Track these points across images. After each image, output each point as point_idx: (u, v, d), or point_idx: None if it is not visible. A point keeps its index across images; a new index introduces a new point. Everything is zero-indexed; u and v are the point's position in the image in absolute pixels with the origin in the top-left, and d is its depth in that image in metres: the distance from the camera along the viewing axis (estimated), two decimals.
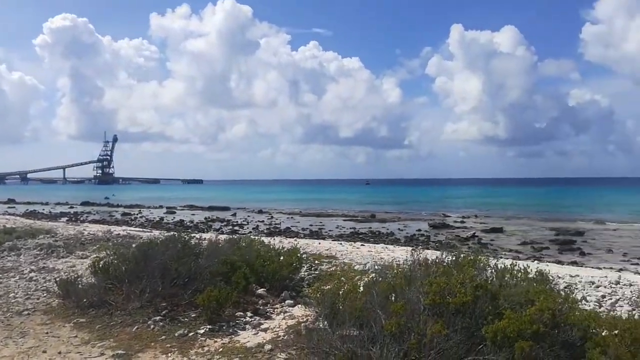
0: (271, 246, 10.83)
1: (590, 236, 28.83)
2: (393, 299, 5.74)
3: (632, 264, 18.97)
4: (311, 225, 35.27)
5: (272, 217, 43.26)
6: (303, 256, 11.75)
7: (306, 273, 10.10)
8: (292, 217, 42.95)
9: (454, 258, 6.46)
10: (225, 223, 36.98)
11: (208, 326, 6.94)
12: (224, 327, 6.99)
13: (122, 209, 53.53)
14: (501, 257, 18.69)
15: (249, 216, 43.90)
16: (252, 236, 15.23)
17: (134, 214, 45.83)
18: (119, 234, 17.60)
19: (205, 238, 11.22)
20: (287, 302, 8.33)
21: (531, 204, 60.28)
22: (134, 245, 10.17)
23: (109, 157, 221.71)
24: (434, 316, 5.13)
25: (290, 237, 21.47)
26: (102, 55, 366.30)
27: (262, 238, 14.51)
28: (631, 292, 8.95)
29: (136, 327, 6.97)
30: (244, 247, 9.88)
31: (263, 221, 38.72)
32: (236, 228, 33.07)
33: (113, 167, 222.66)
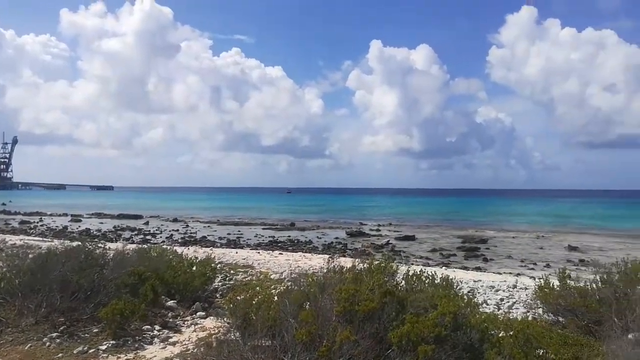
0: (184, 256, 10.46)
1: (492, 243, 30.95)
2: (308, 307, 5.75)
3: (528, 269, 20.60)
4: (229, 234, 34.59)
5: (187, 225, 41.85)
6: (218, 266, 11.48)
7: (220, 283, 9.86)
8: (209, 226, 41.84)
9: (366, 265, 6.61)
10: (136, 232, 35.16)
11: (111, 341, 6.52)
12: (129, 342, 6.60)
13: (20, 216, 49.03)
14: (412, 264, 19.56)
15: (162, 225, 42.10)
16: (164, 246, 14.61)
17: (34, 222, 42.14)
18: (14, 243, 16.14)
19: (112, 248, 10.59)
20: (198, 313, 8.06)
21: (441, 213, 63.70)
22: (30, 256, 9.33)
23: (7, 160, 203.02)
24: (345, 323, 5.21)
25: (206, 247, 20.89)
26: (4, 50, 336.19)
27: (176, 248, 13.97)
28: (526, 295, 9.73)
29: (29, 345, 6.38)
30: (154, 257, 9.44)
31: (178, 230, 37.33)
32: (148, 237, 31.55)
33: (11, 170, 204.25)
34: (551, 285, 7.67)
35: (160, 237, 32.46)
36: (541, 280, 7.95)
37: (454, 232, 37.97)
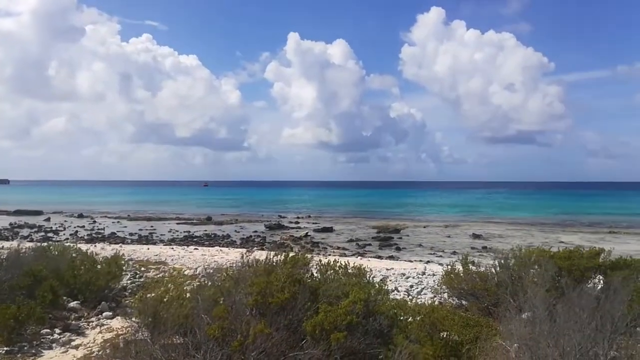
0: (90, 254, 9.80)
1: (405, 233, 32.41)
2: (222, 302, 5.63)
3: (437, 257, 21.80)
4: (140, 229, 33.03)
5: (94, 221, 39.34)
6: (129, 263, 10.92)
7: (129, 281, 9.37)
8: (118, 222, 39.66)
9: (281, 257, 6.60)
10: (36, 229, 32.44)
11: (4, 348, 5.96)
12: (26, 348, 6.08)
13: None
14: (330, 255, 19.96)
15: (66, 221, 39.24)
16: (68, 244, 13.60)
17: None
18: None
19: (7, 247, 9.66)
20: (104, 314, 7.60)
21: (358, 205, 65.63)
22: None
23: None
24: (259, 316, 5.17)
25: (115, 244, 19.78)
26: None
27: (80, 245, 13.06)
28: (434, 281, 10.28)
29: None
30: (54, 256, 8.74)
31: (84, 226, 34.98)
32: (50, 235, 29.23)
33: None
34: (456, 271, 8.16)
35: (64, 234, 30.21)
36: (447, 266, 8.41)
37: (370, 223, 39.23)
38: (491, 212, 55.42)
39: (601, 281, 7.12)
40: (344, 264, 6.52)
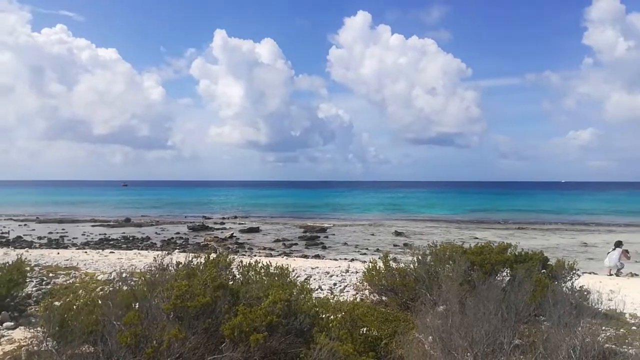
0: None
1: (331, 232, 32.89)
2: (137, 307, 5.36)
3: (361, 254, 22.32)
4: (51, 233, 30.78)
5: None
6: (34, 269, 10.13)
7: (35, 289, 8.67)
8: (25, 224, 36.66)
9: (202, 259, 6.41)
10: None
11: None
12: None
13: None
14: (255, 255, 19.77)
15: None
16: None
17: None
18: None
19: None
20: (5, 324, 6.97)
21: (286, 205, 65.61)
22: None
23: None
24: (177, 321, 4.97)
25: (20, 248, 18.26)
26: None
27: None
28: (356, 278, 10.48)
29: None
30: None
31: None
32: None
33: None
34: (377, 268, 8.36)
35: None
36: (369, 264, 8.61)
37: (297, 223, 39.38)
38: (413, 210, 57.78)
39: (508, 274, 7.61)
40: (266, 264, 6.46)
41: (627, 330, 6.78)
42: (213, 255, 6.60)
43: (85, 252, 15.88)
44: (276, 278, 6.28)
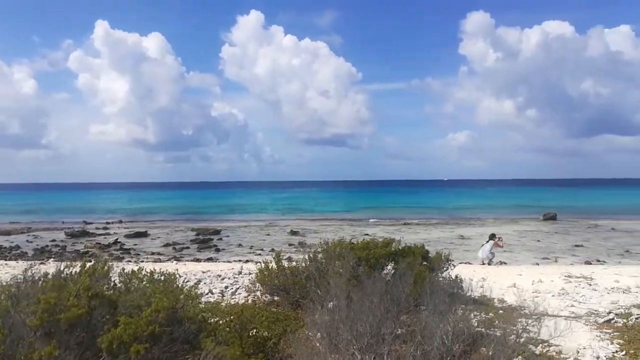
0: None
1: (225, 234, 32.25)
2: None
3: (256, 255, 22.18)
4: None
5: None
6: None
7: None
8: None
9: (76, 269, 5.88)
10: None
11: None
12: None
13: None
14: (142, 261, 18.69)
15: None
16: None
17: None
18: None
19: None
20: None
21: (177, 208, 63.01)
22: None
23: None
24: (46, 337, 4.51)
25: None
26: None
27: None
28: (249, 280, 10.37)
29: None
30: None
31: None
32: None
33: None
34: (269, 268, 8.35)
35: None
36: (261, 264, 8.56)
37: (189, 225, 38.04)
38: (308, 209, 58.84)
39: (392, 267, 8.04)
40: (150, 270, 6.12)
41: (495, 315, 7.51)
42: (90, 263, 6.10)
43: None
44: (161, 285, 5.98)
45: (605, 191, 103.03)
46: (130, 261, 18.89)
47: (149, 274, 5.89)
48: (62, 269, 5.42)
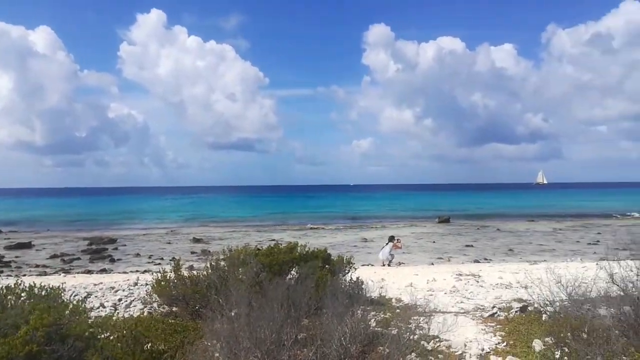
0: None
1: (122, 243, 30.34)
2: None
3: (155, 265, 21.09)
4: None
5: None
6: None
7: None
8: None
9: None
10: None
11: None
12: None
13: None
14: (25, 275, 16.97)
15: None
16: None
17: None
18: None
19: None
20: None
21: (67, 215, 58.08)
22: None
23: None
24: None
25: None
26: None
27: None
28: (145, 291, 9.82)
29: None
30: None
31: None
32: None
33: None
34: (167, 277, 7.97)
35: None
36: (158, 274, 8.16)
37: (81, 235, 35.28)
38: (212, 215, 57.36)
39: (296, 272, 8.07)
40: (30, 285, 5.55)
41: (392, 314, 7.83)
42: None
43: None
44: (43, 300, 5.45)
45: (492, 195, 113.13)
46: (10, 275, 17.04)
47: (28, 289, 5.34)
48: None
